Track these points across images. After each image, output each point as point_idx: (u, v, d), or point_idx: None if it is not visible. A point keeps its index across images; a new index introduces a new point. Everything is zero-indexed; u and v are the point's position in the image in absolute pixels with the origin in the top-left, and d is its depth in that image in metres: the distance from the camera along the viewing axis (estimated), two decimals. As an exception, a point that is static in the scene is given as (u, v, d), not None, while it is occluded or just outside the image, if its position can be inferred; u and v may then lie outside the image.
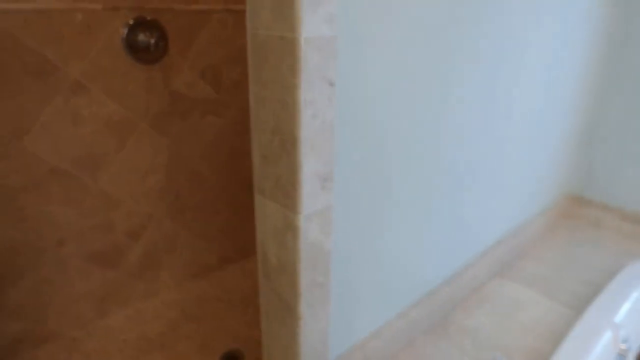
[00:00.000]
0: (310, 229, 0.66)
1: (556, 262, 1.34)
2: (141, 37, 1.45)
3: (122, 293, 1.75)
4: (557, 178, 1.45)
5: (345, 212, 0.73)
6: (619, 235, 1.49)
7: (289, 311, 0.73)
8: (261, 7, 0.57)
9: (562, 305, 1.15)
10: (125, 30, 1.41)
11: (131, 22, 1.42)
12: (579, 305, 1.15)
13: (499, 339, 1.01)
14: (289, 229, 0.66)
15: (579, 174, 1.54)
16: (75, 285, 1.60)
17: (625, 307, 1.12)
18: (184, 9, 1.55)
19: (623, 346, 1.03)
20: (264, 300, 0.79)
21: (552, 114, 1.27)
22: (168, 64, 1.57)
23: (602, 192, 1.53)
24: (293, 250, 0.67)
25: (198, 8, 1.59)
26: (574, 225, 1.56)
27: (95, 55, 1.38)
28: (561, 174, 1.46)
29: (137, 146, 1.57)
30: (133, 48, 1.45)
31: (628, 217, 1.46)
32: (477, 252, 1.17)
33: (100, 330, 1.67)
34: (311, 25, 0.53)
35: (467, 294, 1.16)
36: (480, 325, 1.12)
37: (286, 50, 0.55)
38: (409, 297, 0.98)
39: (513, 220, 1.30)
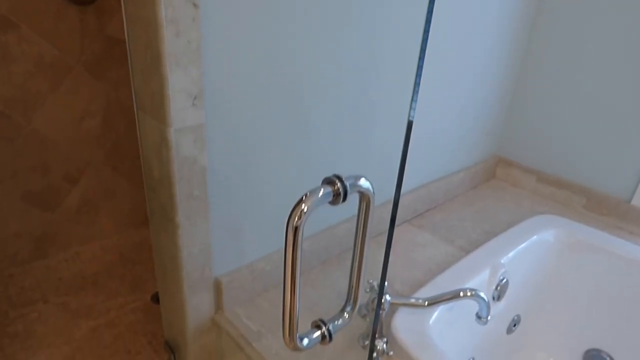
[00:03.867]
0: (182, 143, 0.73)
1: (466, 216, 1.42)
2: (75, -24, 1.47)
3: (61, 236, 1.80)
4: (483, 139, 1.53)
5: (224, 133, 0.80)
6: (535, 196, 1.60)
7: (169, 221, 0.80)
8: None
9: (457, 248, 1.23)
10: (57, -30, 1.43)
11: (65, -38, 1.44)
12: (474, 249, 1.23)
13: (388, 271, 1.10)
14: (163, 142, 0.73)
15: (504, 136, 1.64)
16: (11, 224, 1.65)
17: (514, 251, 1.22)
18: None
19: (500, 283, 1.13)
20: (151, 212, 0.86)
21: (476, 76, 1.34)
22: (103, 8, 1.58)
23: (525, 155, 1.63)
24: (168, 162, 0.74)
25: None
26: (494, 184, 1.66)
27: (24, -8, 1.39)
28: (487, 136, 1.55)
29: (72, 89, 1.60)
30: (66, -12, 1.46)
31: (544, 179, 1.57)
32: (385, 198, 1.26)
33: (37, 269, 1.72)
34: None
35: (371, 235, 1.25)
36: (375, 260, 1.21)
37: (145, -33, 0.60)
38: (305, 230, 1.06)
39: (430, 173, 1.38)
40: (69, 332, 1.45)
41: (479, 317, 0.88)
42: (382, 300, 0.82)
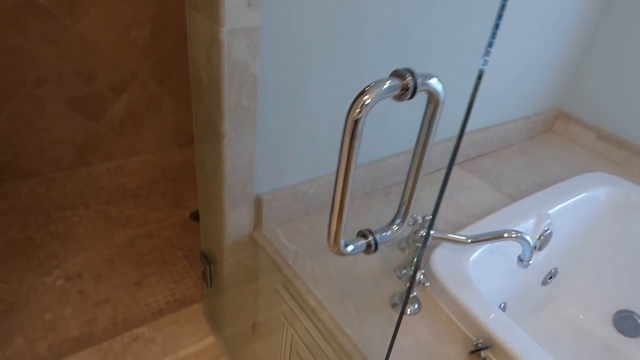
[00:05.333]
0: (234, 45, 0.69)
1: (517, 165, 1.37)
2: None
3: (104, 147, 1.83)
4: (546, 90, 1.44)
5: (280, 40, 0.75)
6: (592, 154, 1.51)
7: (215, 130, 0.78)
8: None
9: (505, 196, 1.19)
10: None
11: None
12: (521, 198, 1.19)
13: (432, 210, 1.07)
14: (214, 43, 0.69)
15: (568, 90, 1.53)
16: (55, 129, 1.68)
17: (562, 205, 1.17)
18: None
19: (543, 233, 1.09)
20: (196, 122, 0.84)
21: (548, 26, 1.22)
22: None
23: (587, 111, 1.53)
24: (218, 66, 0.70)
25: None
26: (551, 137, 1.58)
27: None
28: (550, 88, 1.44)
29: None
30: None
31: (604, 137, 1.47)
32: (439, 137, 1.20)
33: (79, 176, 1.78)
34: None
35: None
36: (420, 198, 1.18)
37: None
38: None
39: (488, 118, 1.31)
40: (108, 238, 1.51)
41: (520, 259, 0.85)
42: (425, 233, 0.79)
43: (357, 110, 0.41)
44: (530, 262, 0.85)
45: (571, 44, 1.36)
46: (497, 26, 0.50)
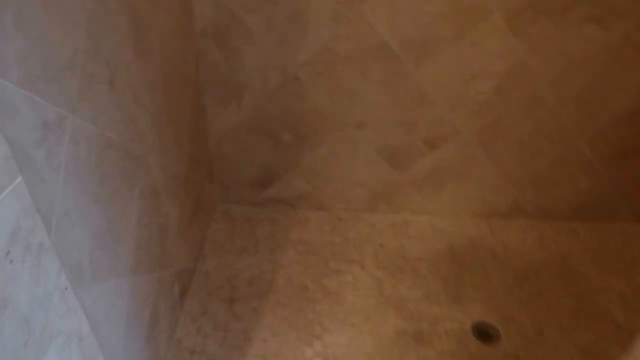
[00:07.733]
0: None
1: None
2: None
3: (396, 198, 1.63)
4: None
5: None
6: None
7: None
8: None
9: None
10: None
11: None
12: None
13: None
14: None
15: None
16: (358, 171, 1.55)
17: None
18: None
19: None
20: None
21: None
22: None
23: None
24: None
25: None
26: None
27: None
28: None
29: (479, 41, 1.26)
30: None
31: None
32: None
33: (363, 223, 1.62)
34: None
35: None
36: None
37: None
38: None
39: None
40: (375, 320, 1.28)
41: None
42: None
43: None
44: None
45: None
46: None
